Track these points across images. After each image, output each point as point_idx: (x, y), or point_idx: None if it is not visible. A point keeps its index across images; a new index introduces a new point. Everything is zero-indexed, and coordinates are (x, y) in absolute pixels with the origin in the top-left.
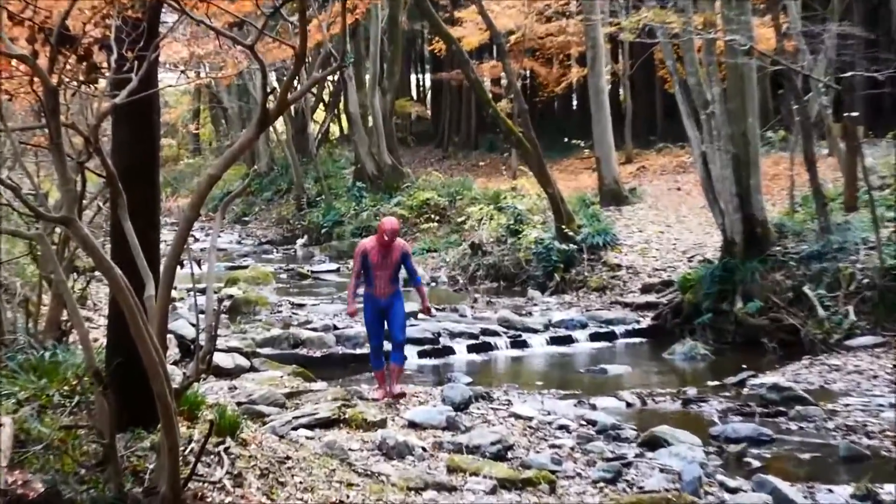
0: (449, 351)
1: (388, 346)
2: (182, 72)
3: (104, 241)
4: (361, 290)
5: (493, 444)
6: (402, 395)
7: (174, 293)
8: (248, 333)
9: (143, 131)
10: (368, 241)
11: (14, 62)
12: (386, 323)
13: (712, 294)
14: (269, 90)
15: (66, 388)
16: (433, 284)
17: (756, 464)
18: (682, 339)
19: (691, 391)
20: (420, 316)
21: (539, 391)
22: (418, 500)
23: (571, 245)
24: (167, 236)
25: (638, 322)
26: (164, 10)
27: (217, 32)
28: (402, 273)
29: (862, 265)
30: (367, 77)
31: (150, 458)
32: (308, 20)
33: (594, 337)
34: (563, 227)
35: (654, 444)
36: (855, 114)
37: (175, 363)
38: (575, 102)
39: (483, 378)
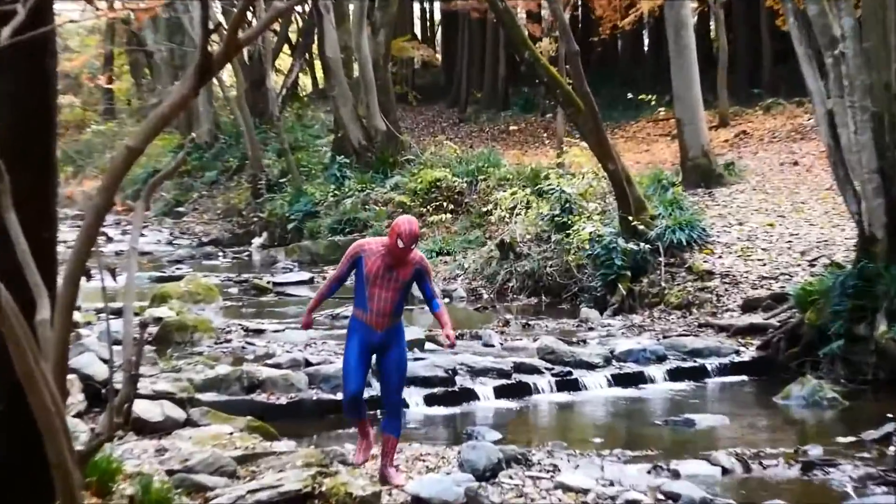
0: (469, 395)
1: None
2: (88, 0)
3: None
4: (340, 310)
5: None
6: (401, 483)
7: (78, 315)
8: (183, 372)
9: (32, 85)
10: (372, 243)
11: None
12: (378, 370)
13: (844, 312)
14: (211, 26)
15: None
16: (446, 300)
17: None
18: (800, 377)
19: (814, 451)
20: (431, 345)
21: (597, 452)
22: None
23: (642, 244)
24: (67, 235)
25: (738, 353)
26: None
27: None
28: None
29: None
30: (352, 7)
31: None
32: None
33: (676, 374)
34: (631, 218)
35: None
36: None
37: (79, 415)
38: (646, 42)
39: (518, 433)
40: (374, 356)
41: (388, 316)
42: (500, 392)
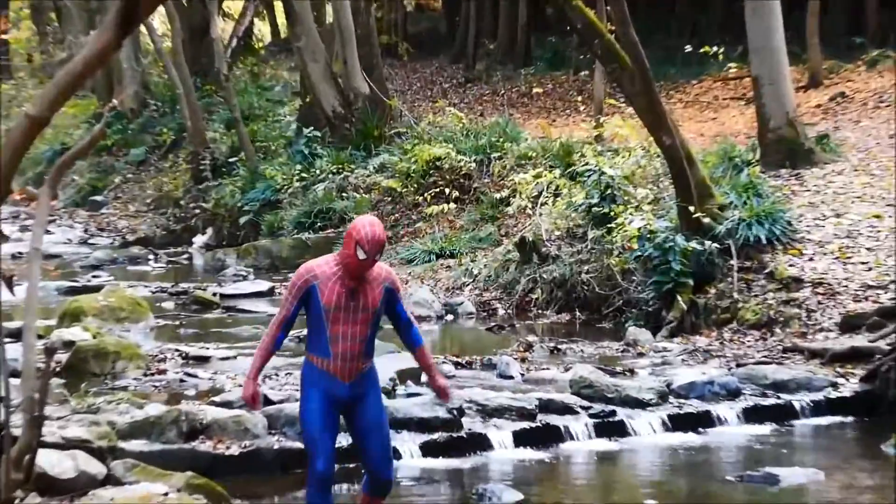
0: (480, 442)
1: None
2: None
3: None
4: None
5: None
6: None
7: None
8: (102, 413)
9: None
10: (322, 265)
11: None
12: (351, 433)
13: None
14: None
15: None
16: (449, 318)
17: None
18: None
19: None
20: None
21: None
22: None
23: (708, 243)
24: None
25: (835, 386)
26: None
27: None
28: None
29: None
30: None
31: None
32: None
33: (753, 414)
34: (693, 209)
35: None
36: None
37: None
38: None
39: (545, 494)
40: (343, 419)
41: (357, 360)
42: (520, 438)
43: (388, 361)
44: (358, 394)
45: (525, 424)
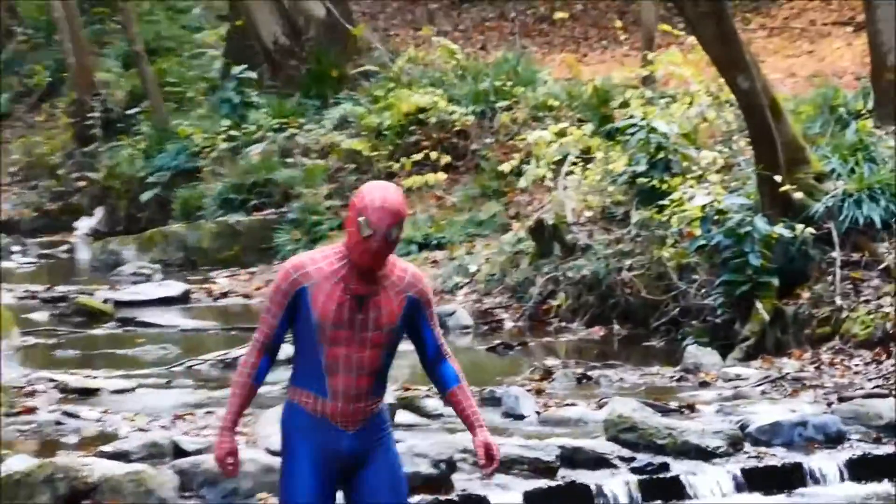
0: None
1: None
2: None
3: None
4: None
5: None
6: None
7: None
8: None
9: None
10: (318, 259)
11: None
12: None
13: None
14: None
15: None
16: None
17: None
18: None
19: None
20: (410, 415)
21: None
22: None
23: (800, 227)
24: None
25: None
26: None
27: None
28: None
29: None
30: None
31: None
32: None
33: (863, 469)
34: (780, 179)
35: None
36: None
37: None
38: None
39: None
40: (337, 488)
41: (364, 399)
42: (534, 501)
43: None
44: (364, 449)
45: (542, 483)
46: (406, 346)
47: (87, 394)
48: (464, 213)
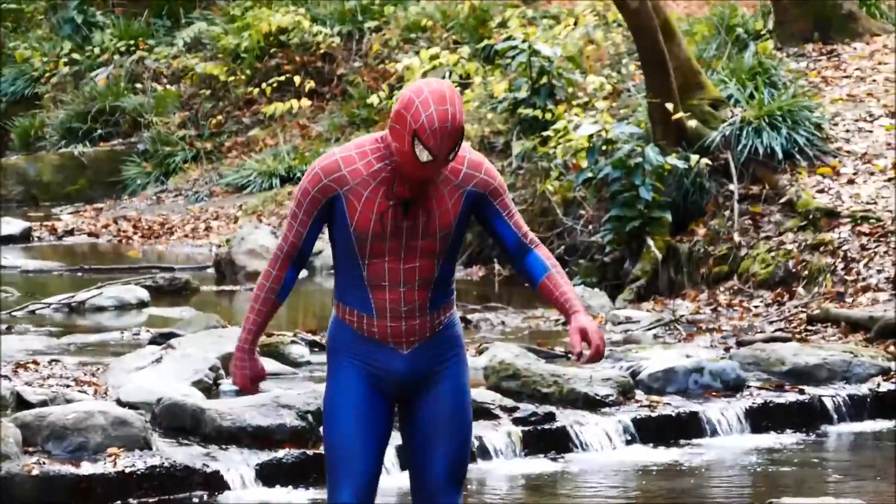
0: None
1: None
2: None
3: None
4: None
5: None
6: None
7: None
8: None
9: None
10: (351, 156)
11: None
12: (404, 435)
13: None
14: None
15: None
16: (302, 274)
17: None
18: None
19: None
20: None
21: None
22: None
23: (695, 157)
24: None
25: (885, 374)
26: None
27: None
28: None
29: None
30: None
31: None
32: None
33: (763, 418)
34: (672, 107)
35: None
36: None
37: None
38: None
39: None
40: (394, 408)
41: (420, 314)
42: None
43: (207, 341)
44: (423, 372)
45: None
46: None
47: None
48: (330, 143)
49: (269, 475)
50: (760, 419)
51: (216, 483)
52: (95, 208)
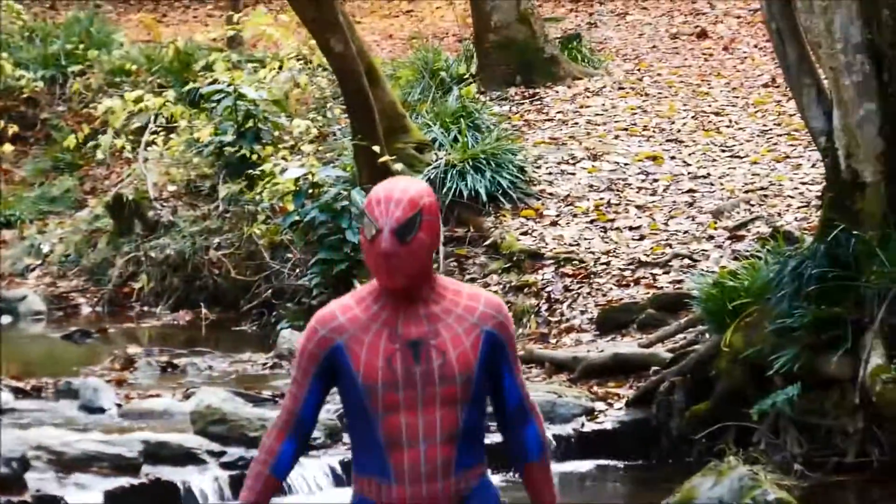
0: None
1: None
2: None
3: None
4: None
5: None
6: None
7: None
8: None
9: None
10: (348, 305)
11: None
12: None
13: (799, 330)
14: None
15: None
16: (6, 320)
17: None
18: (714, 461)
19: None
20: None
21: None
22: None
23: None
24: None
25: (591, 414)
26: None
27: None
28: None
29: None
30: None
31: None
32: None
33: None
34: (378, 149)
35: None
36: None
37: None
38: None
39: None
40: None
41: (444, 475)
42: (117, 502)
43: None
44: None
45: (124, 482)
46: None
47: None
48: (34, 188)
49: None
50: None
51: None
52: None
